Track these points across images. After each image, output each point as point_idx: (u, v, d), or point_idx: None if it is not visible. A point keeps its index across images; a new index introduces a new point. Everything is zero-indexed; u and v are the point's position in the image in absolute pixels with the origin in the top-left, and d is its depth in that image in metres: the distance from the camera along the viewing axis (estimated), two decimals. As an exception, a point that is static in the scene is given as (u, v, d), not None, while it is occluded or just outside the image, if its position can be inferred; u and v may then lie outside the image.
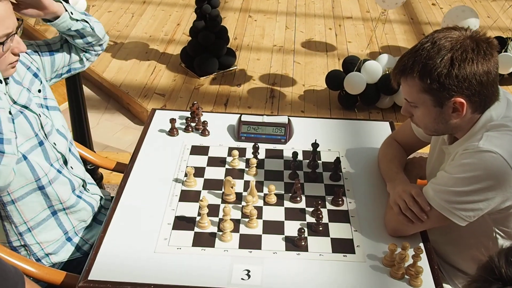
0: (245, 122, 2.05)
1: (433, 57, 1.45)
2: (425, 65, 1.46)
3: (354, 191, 1.81)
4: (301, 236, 1.58)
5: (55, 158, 1.72)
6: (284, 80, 4.15)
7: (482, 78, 1.44)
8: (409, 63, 1.49)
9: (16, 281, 1.14)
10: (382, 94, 3.72)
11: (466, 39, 1.46)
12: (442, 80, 1.44)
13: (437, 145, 1.73)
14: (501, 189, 1.46)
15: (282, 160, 1.95)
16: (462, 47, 1.44)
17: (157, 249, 1.56)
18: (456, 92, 1.45)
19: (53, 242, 1.75)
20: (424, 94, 1.49)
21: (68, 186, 1.75)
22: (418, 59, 1.47)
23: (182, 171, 1.87)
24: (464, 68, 1.43)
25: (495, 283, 0.87)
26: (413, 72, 1.48)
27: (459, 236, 1.69)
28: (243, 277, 1.48)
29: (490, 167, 1.44)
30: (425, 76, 1.46)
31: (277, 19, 5.13)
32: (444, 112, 1.50)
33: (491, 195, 1.47)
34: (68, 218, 1.77)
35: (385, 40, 4.75)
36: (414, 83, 1.49)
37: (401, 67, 1.52)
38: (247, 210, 1.67)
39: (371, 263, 1.54)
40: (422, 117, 1.56)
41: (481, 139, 1.48)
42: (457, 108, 1.48)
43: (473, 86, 1.45)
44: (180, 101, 3.84)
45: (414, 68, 1.48)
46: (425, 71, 1.46)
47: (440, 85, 1.45)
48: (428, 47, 1.47)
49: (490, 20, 4.97)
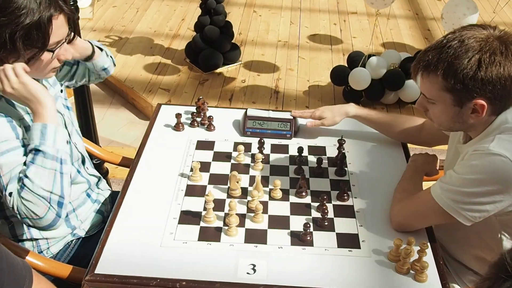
0: (250, 117, 2.05)
1: (460, 57, 1.40)
2: (451, 65, 1.41)
3: (359, 186, 1.81)
4: (307, 231, 1.58)
5: (76, 158, 1.77)
6: (289, 75, 4.15)
7: (506, 82, 1.41)
8: (434, 59, 1.45)
9: (24, 274, 1.15)
10: (387, 90, 3.71)
11: (495, 40, 1.42)
12: (466, 81, 1.41)
13: (453, 144, 1.71)
14: (509, 193, 1.44)
15: (288, 155, 1.95)
16: (491, 49, 1.40)
17: (163, 243, 1.57)
18: (479, 94, 1.42)
19: (60, 239, 1.76)
20: (445, 92, 1.46)
21: (83, 185, 1.80)
22: (444, 57, 1.43)
23: (188, 166, 1.87)
24: (490, 71, 1.39)
25: (508, 281, 0.88)
26: (437, 70, 1.44)
27: (464, 235, 1.68)
28: (248, 272, 1.49)
29: (498, 171, 1.42)
30: (449, 76, 1.42)
31: (282, 14, 5.12)
32: (463, 112, 1.48)
33: (499, 198, 1.45)
34: (76, 216, 1.78)
35: (390, 36, 4.74)
36: (437, 81, 1.45)
37: (425, 63, 1.47)
38: (252, 205, 1.68)
39: (376, 258, 1.54)
40: (439, 114, 1.53)
41: (492, 141, 1.45)
42: (477, 109, 1.45)
43: (496, 90, 1.41)
44: (184, 96, 3.84)
45: (439, 66, 1.43)
46: (450, 70, 1.42)
47: (463, 86, 1.41)
48: (455, 45, 1.42)
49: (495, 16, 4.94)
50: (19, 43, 1.46)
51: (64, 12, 1.52)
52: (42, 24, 1.47)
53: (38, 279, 1.20)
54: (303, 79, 4.10)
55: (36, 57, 1.51)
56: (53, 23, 1.49)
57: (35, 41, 1.48)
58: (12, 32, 1.44)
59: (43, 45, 1.50)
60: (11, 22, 1.44)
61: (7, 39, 1.44)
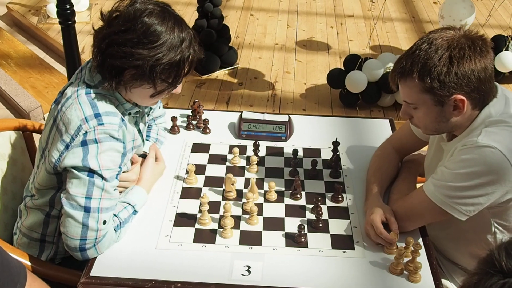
0: (246, 120, 2.06)
1: (432, 57, 1.46)
2: (424, 65, 1.47)
3: (354, 188, 1.82)
4: (301, 233, 1.59)
5: None
6: (286, 78, 4.16)
7: (480, 74, 1.46)
8: (408, 64, 1.50)
9: (19, 271, 1.16)
10: (383, 93, 3.72)
11: (461, 37, 1.48)
12: (442, 78, 1.46)
13: (434, 142, 1.74)
14: (500, 183, 1.47)
15: (283, 158, 1.96)
16: (459, 45, 1.46)
17: (158, 246, 1.58)
18: (456, 90, 1.47)
19: None
20: (424, 94, 1.50)
21: None
22: (416, 59, 1.49)
23: (183, 169, 1.88)
24: (462, 65, 1.45)
25: (496, 276, 0.88)
26: (412, 73, 1.49)
27: (458, 231, 1.70)
28: (243, 273, 1.50)
29: (489, 162, 1.46)
30: (425, 76, 1.47)
31: (278, 18, 5.14)
32: (445, 110, 1.51)
33: (491, 189, 1.48)
34: None
35: (387, 39, 4.75)
36: (414, 84, 1.50)
37: (400, 69, 1.53)
38: (247, 207, 1.69)
39: (370, 259, 1.55)
40: (423, 118, 1.56)
41: (480, 134, 1.49)
42: (458, 105, 1.50)
43: (472, 83, 1.46)
44: (182, 99, 3.85)
45: (413, 68, 1.49)
46: (425, 71, 1.47)
47: (440, 84, 1.46)
48: (425, 48, 1.48)
49: (491, 18, 4.96)
50: (157, 76, 1.52)
51: (198, 54, 1.60)
52: (181, 63, 1.54)
53: (33, 278, 1.21)
54: (300, 82, 4.11)
55: (167, 91, 1.59)
56: (188, 63, 1.57)
57: (169, 78, 1.55)
58: (153, 65, 1.50)
59: (175, 82, 1.58)
60: (155, 56, 1.49)
61: (147, 71, 1.50)
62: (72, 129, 1.51)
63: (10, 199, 1.84)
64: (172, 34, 1.52)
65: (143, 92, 1.58)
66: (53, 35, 4.50)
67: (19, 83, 3.89)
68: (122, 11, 1.53)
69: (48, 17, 4.68)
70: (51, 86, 3.94)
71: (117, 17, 1.53)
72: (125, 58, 1.50)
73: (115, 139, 1.53)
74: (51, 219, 1.69)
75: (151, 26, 1.50)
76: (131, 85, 1.56)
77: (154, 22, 1.50)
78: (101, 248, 1.53)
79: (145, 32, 1.49)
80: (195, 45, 1.58)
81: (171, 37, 1.51)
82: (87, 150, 1.49)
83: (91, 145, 1.50)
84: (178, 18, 1.58)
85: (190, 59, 1.57)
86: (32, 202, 1.69)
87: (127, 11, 1.52)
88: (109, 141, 1.52)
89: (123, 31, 1.50)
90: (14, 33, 4.75)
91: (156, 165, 1.80)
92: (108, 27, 1.53)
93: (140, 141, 1.75)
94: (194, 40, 1.58)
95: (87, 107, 1.52)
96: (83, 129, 1.50)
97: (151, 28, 1.50)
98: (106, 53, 1.51)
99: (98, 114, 1.52)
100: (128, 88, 1.57)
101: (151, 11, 1.51)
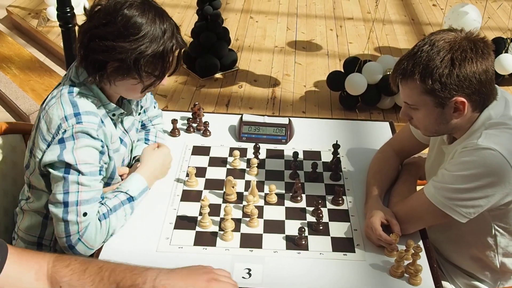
0: (246, 122, 2.06)
1: (433, 59, 1.46)
2: (426, 67, 1.47)
3: (354, 190, 1.83)
4: (302, 235, 1.59)
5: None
6: (285, 81, 4.16)
7: (481, 77, 1.47)
8: (409, 65, 1.50)
9: None
10: (383, 95, 3.73)
11: (463, 39, 1.48)
12: (443, 80, 1.46)
13: (435, 145, 1.74)
14: (501, 185, 1.47)
15: (283, 160, 1.96)
16: (461, 47, 1.46)
17: (159, 248, 1.58)
18: (457, 92, 1.47)
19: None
20: (425, 95, 1.50)
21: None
22: (418, 61, 1.49)
23: (183, 171, 1.88)
24: (464, 68, 1.45)
25: None
26: (413, 74, 1.49)
27: (459, 233, 1.70)
28: (244, 276, 1.50)
29: (489, 164, 1.46)
30: (426, 78, 1.47)
31: (278, 20, 5.15)
32: (446, 112, 1.52)
33: (491, 191, 1.48)
34: None
35: (386, 41, 4.76)
36: (415, 85, 1.50)
37: (401, 71, 1.53)
38: (248, 209, 1.69)
39: (371, 262, 1.55)
40: (423, 119, 1.57)
41: (480, 137, 1.50)
42: (458, 107, 1.50)
43: (473, 85, 1.47)
44: (182, 102, 3.85)
45: (415, 70, 1.49)
46: (426, 72, 1.47)
47: (441, 85, 1.46)
48: (427, 49, 1.48)
49: (491, 21, 4.97)
50: (142, 69, 1.52)
51: (181, 45, 1.59)
52: (165, 54, 1.54)
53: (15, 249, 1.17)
54: (300, 84, 4.12)
55: (154, 85, 1.59)
56: (173, 55, 1.56)
57: (155, 70, 1.55)
58: (136, 58, 1.50)
59: (162, 75, 1.57)
60: (137, 48, 1.49)
61: (131, 64, 1.50)
62: (53, 128, 1.52)
63: (10, 202, 1.84)
64: (153, 25, 1.51)
65: (127, 85, 1.58)
66: (53, 38, 4.50)
67: (19, 86, 3.89)
68: (103, 5, 1.53)
69: (48, 20, 4.69)
70: (51, 89, 3.87)
71: (99, 11, 1.54)
72: (108, 52, 1.50)
73: (92, 138, 1.53)
74: (49, 221, 1.69)
75: (131, 18, 1.50)
76: (114, 78, 1.56)
77: (135, 14, 1.50)
78: (89, 241, 1.52)
79: (126, 25, 1.49)
80: (177, 36, 1.57)
81: (152, 28, 1.51)
82: (64, 146, 1.50)
83: (68, 141, 1.51)
84: (159, 9, 1.57)
85: (174, 49, 1.56)
86: (27, 206, 1.69)
87: (108, 4, 1.52)
88: (87, 138, 1.52)
89: (104, 24, 1.50)
90: (14, 36, 4.76)
91: (157, 150, 1.79)
92: (89, 21, 1.54)
93: (119, 143, 1.71)
94: (177, 31, 1.58)
95: (67, 106, 1.54)
96: (62, 128, 1.51)
97: (131, 20, 1.49)
98: (89, 47, 1.52)
99: (78, 114, 1.53)
100: (112, 81, 1.57)
101: (131, 3, 1.51)
